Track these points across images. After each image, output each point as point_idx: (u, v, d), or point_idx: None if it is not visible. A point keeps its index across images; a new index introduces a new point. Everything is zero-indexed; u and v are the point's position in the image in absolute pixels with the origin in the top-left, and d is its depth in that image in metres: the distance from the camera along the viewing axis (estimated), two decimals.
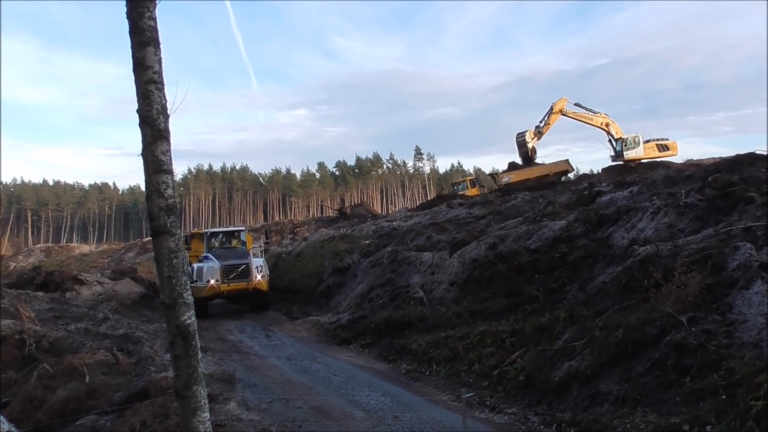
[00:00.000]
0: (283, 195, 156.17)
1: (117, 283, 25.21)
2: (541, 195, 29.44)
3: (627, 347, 8.11)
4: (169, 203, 4.60)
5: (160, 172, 4.56)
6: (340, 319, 16.90)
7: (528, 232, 15.80)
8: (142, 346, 14.62)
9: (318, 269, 24.38)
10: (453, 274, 15.79)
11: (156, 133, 4.54)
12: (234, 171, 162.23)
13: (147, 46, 4.55)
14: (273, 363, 13.36)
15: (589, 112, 46.39)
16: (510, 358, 10.15)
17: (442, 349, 11.74)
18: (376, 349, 13.87)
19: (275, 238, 50.36)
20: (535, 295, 12.03)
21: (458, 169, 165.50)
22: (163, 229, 4.56)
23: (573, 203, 20.24)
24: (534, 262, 13.46)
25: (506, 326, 11.30)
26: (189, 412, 4.58)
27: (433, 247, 18.83)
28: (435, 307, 14.47)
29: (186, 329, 4.57)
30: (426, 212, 35.10)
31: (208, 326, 18.79)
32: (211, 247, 23.41)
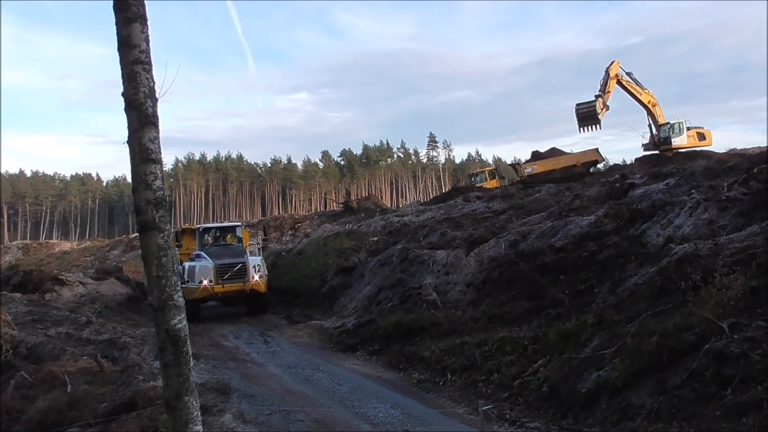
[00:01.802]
0: (282, 187, 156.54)
1: (101, 284, 25.33)
2: (567, 187, 29.37)
3: (662, 356, 8.09)
4: (158, 196, 4.61)
5: (147, 162, 4.58)
6: (346, 324, 16.93)
7: (553, 228, 15.76)
8: (129, 353, 14.72)
9: (321, 269, 24.42)
10: (470, 275, 15.78)
11: (143, 118, 4.56)
12: (229, 160, 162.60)
13: (133, 22, 4.56)
14: (272, 371, 13.42)
15: (639, 86, 45.94)
16: (532, 368, 10.14)
17: (457, 357, 11.74)
18: (384, 356, 13.90)
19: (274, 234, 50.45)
20: (561, 298, 12.00)
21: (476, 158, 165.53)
22: (151, 224, 4.58)
23: (603, 197, 20.17)
24: (559, 262, 13.42)
25: (528, 332, 11.29)
26: (180, 424, 4.60)
27: (448, 245, 18.82)
28: (450, 311, 14.47)
29: (176, 334, 4.59)
30: (440, 206, 35.08)
31: (200, 331, 18.87)
32: (203, 245, 23.49)
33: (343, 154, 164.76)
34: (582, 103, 45.21)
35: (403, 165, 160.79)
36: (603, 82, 44.92)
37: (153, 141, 4.60)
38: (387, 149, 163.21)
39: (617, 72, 44.87)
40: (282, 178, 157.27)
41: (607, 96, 44.83)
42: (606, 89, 44.67)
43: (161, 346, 4.62)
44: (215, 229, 25.62)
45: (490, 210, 27.02)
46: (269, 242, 37.47)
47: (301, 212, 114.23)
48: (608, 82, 44.67)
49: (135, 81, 4.56)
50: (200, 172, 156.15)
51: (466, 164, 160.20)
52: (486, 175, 55.38)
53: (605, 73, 44.91)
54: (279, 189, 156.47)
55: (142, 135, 4.56)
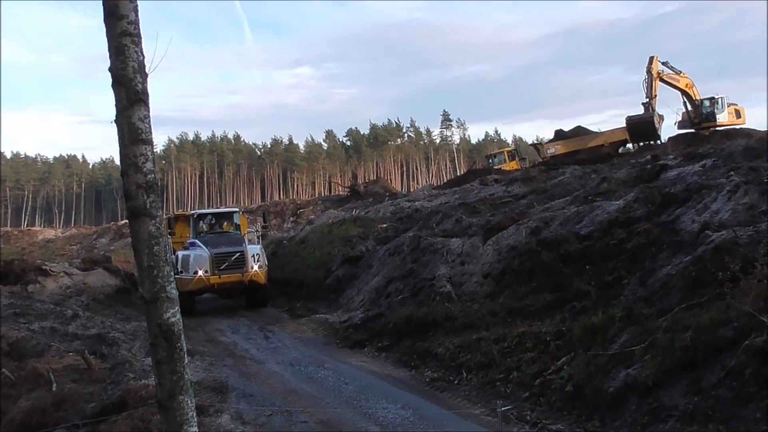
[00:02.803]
0: (283, 170, 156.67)
1: (88, 275, 25.46)
2: (594, 170, 29.23)
3: (696, 353, 8.07)
4: (149, 179, 4.62)
5: (137, 143, 4.58)
6: (352, 318, 16.99)
7: (578, 214, 15.72)
8: (119, 349, 14.82)
9: (325, 258, 24.48)
10: (487, 265, 15.78)
11: (132, 95, 4.55)
12: (225, 141, 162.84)
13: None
14: (272, 369, 13.49)
15: (676, 74, 45.57)
16: (555, 365, 10.15)
17: (473, 354, 11.77)
18: (394, 353, 13.94)
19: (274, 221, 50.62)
20: (586, 290, 11.99)
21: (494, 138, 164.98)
22: (142, 210, 4.59)
23: (633, 180, 20.07)
24: (585, 251, 13.40)
25: (551, 327, 11.29)
26: (174, 426, 4.63)
27: (464, 233, 18.81)
28: (465, 304, 14.49)
29: (170, 329, 4.61)
30: (455, 190, 35.04)
31: (195, 325, 18.99)
32: (198, 232, 23.57)
33: (349, 134, 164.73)
34: (634, 116, 44.63)
35: (415, 146, 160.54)
36: (647, 84, 44.22)
37: (143, 120, 4.60)
38: (397, 128, 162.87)
39: (659, 69, 44.41)
40: (283, 159, 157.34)
41: (655, 101, 44.35)
42: (653, 93, 44.12)
43: (153, 341, 4.64)
44: (211, 215, 25.68)
45: (510, 194, 26.96)
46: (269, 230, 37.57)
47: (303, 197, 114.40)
48: (653, 84, 44.04)
49: (123, 55, 4.55)
50: (194, 153, 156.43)
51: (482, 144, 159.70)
52: (505, 156, 55.24)
53: (647, 74, 44.24)
54: (279, 172, 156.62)
55: (131, 113, 4.56)
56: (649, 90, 44.08)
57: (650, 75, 44.00)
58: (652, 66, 44.06)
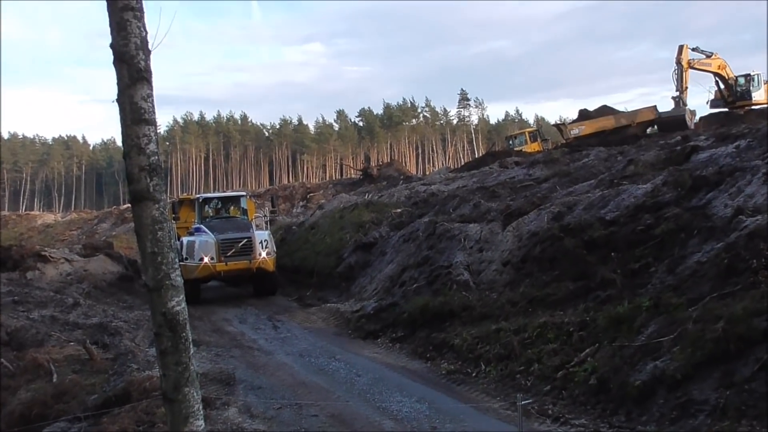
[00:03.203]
0: (293, 151, 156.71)
1: (89, 261, 25.66)
2: (620, 151, 29.09)
3: (728, 344, 8.04)
4: (152, 162, 4.63)
5: (140, 123, 4.59)
6: (365, 308, 17.03)
7: (603, 198, 15.65)
8: (121, 339, 14.94)
9: (337, 245, 24.51)
10: (507, 252, 15.76)
11: (134, 73, 4.56)
12: (232, 121, 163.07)
13: None
14: (282, 360, 13.56)
15: (707, 57, 45.09)
16: (578, 357, 10.14)
17: (492, 345, 11.78)
18: (409, 344, 13.97)
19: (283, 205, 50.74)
20: (611, 278, 11.95)
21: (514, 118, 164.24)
22: (145, 193, 4.61)
23: (661, 162, 19.93)
24: (610, 237, 13.35)
25: (574, 317, 11.28)
26: (179, 419, 4.67)
27: (482, 218, 18.78)
28: (484, 293, 14.48)
29: (174, 318, 4.63)
30: (473, 173, 34.94)
31: (201, 314, 19.09)
32: (204, 217, 23.65)
33: (361, 114, 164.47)
34: (665, 113, 44.52)
35: (431, 126, 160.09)
36: (677, 76, 43.70)
37: (146, 99, 4.60)
38: (412, 108, 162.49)
39: (689, 58, 43.91)
40: (292, 141, 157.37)
41: (686, 93, 43.90)
42: (684, 85, 43.63)
43: (157, 331, 4.67)
44: (217, 199, 25.77)
45: (531, 177, 26.86)
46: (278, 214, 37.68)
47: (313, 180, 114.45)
48: (683, 76, 43.58)
49: (125, 30, 4.55)
50: (199, 134, 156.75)
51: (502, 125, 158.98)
52: (526, 137, 54.96)
53: (676, 65, 43.71)
54: (288, 154, 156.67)
55: (134, 92, 4.57)
56: (679, 82, 43.63)
57: (680, 66, 43.50)
58: (681, 56, 43.55)
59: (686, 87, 43.65)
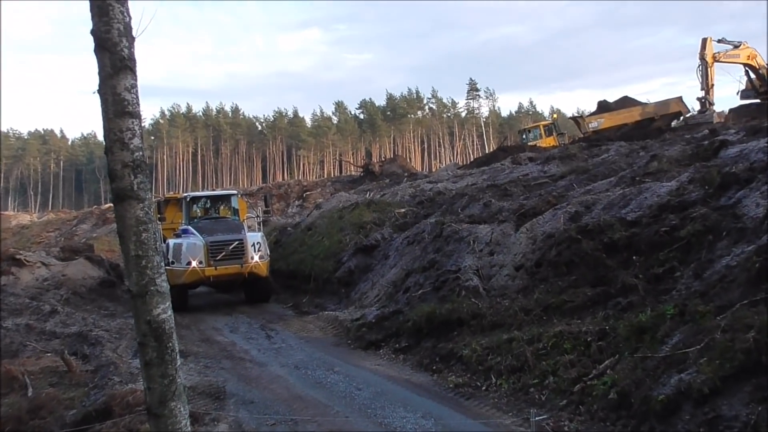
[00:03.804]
0: (288, 146, 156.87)
1: (68, 265, 25.69)
2: (642, 146, 29.09)
3: (760, 356, 8.04)
4: (136, 157, 4.64)
5: (123, 116, 4.60)
6: (366, 315, 17.03)
7: (624, 197, 15.66)
8: (102, 349, 14.94)
9: (335, 248, 24.52)
10: (520, 255, 15.76)
11: (117, 62, 4.57)
12: (222, 114, 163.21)
13: None
14: (276, 373, 13.56)
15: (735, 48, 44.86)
16: (597, 369, 10.14)
17: (503, 356, 11.77)
18: (414, 355, 13.97)
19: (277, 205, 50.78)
20: (633, 284, 11.95)
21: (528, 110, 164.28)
22: (129, 192, 4.62)
23: (687, 157, 19.95)
24: (631, 239, 13.34)
25: (592, 326, 11.27)
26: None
27: (493, 219, 18.79)
28: (494, 300, 14.48)
29: (160, 326, 4.64)
30: (483, 170, 34.98)
31: (189, 323, 19.11)
32: (192, 218, 23.66)
33: (362, 106, 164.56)
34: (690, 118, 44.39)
35: (437, 119, 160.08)
36: (701, 73, 43.37)
37: (130, 90, 4.61)
38: (417, 99, 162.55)
39: (714, 51, 43.68)
40: (287, 135, 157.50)
41: (712, 91, 43.66)
42: (709, 83, 43.38)
43: (142, 340, 4.68)
44: (206, 198, 25.77)
45: (546, 174, 26.86)
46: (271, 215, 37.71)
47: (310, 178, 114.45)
48: (709, 73, 43.29)
49: (107, 16, 4.56)
50: (187, 128, 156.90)
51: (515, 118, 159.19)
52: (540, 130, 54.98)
53: (700, 61, 43.32)
54: (283, 149, 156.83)
55: (116, 82, 4.57)
56: (704, 80, 43.33)
57: (704, 62, 43.21)
58: (705, 51, 43.25)
59: (712, 84, 43.41)
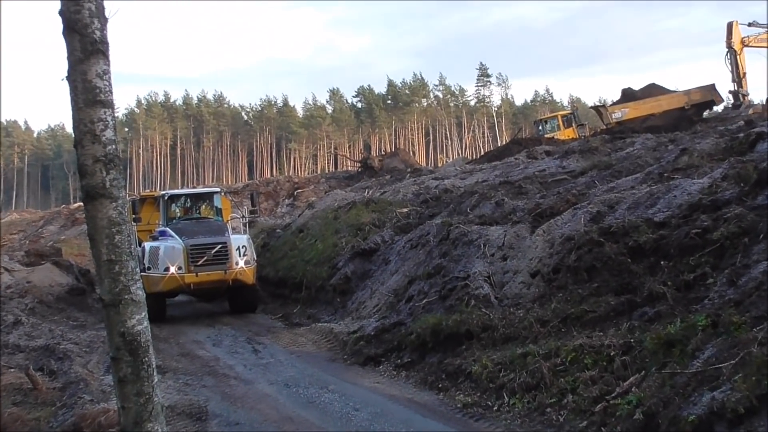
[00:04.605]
0: (277, 138, 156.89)
1: (33, 271, 25.69)
2: (671, 139, 29.11)
3: None
4: (109, 151, 4.65)
5: (94, 105, 4.60)
6: (364, 327, 17.03)
7: (651, 195, 15.67)
8: (72, 364, 14.94)
9: (330, 252, 24.52)
10: (536, 260, 15.77)
11: (88, 45, 4.57)
12: (204, 103, 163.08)
13: None
14: (264, 391, 13.56)
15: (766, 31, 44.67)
16: (621, 387, 10.15)
17: (518, 373, 11.78)
18: (417, 371, 13.97)
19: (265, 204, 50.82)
20: (661, 292, 11.95)
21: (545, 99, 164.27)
22: (100, 189, 4.62)
23: (721, 152, 19.96)
24: (659, 242, 13.35)
25: (615, 338, 11.27)
26: None
27: (506, 219, 18.79)
28: (508, 310, 14.48)
29: (135, 339, 4.65)
30: (495, 165, 34.99)
31: (167, 335, 19.11)
32: (170, 218, 23.68)
33: (360, 94, 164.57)
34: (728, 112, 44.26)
35: (444, 108, 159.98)
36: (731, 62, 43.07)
37: (102, 76, 4.61)
38: (421, 86, 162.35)
39: (741, 38, 43.46)
40: (276, 126, 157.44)
41: (745, 81, 43.35)
42: (741, 71, 43.10)
43: (115, 355, 4.69)
44: (185, 197, 25.79)
45: (565, 170, 26.88)
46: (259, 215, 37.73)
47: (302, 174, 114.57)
48: (738, 61, 43.01)
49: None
50: (165, 118, 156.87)
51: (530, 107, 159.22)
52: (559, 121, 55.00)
53: (728, 49, 43.03)
54: (272, 141, 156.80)
55: (87, 68, 4.58)
56: (734, 68, 43.06)
57: (732, 50, 42.94)
58: (732, 39, 42.92)
59: (744, 73, 43.26)
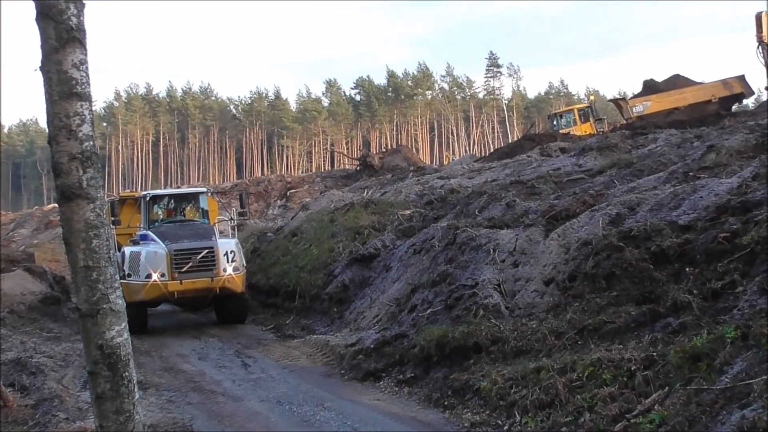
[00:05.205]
0: (268, 134, 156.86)
1: (3, 278, 25.68)
2: (697, 135, 29.09)
3: None
4: (86, 148, 4.64)
5: (70, 98, 4.60)
6: (363, 340, 17.03)
7: (675, 196, 15.68)
8: (45, 379, 14.94)
9: (326, 257, 24.52)
10: (550, 267, 15.77)
11: (63, 33, 4.57)
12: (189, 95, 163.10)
13: None
14: (254, 409, 13.55)
15: None
16: (642, 404, 10.14)
17: (530, 389, 11.77)
18: (421, 387, 13.97)
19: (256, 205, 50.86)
20: (686, 301, 11.94)
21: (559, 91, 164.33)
22: (77, 189, 4.61)
23: (751, 149, 19.97)
24: (684, 247, 13.35)
25: (637, 352, 11.27)
26: None
27: (518, 222, 18.79)
28: (520, 321, 14.47)
29: (114, 352, 4.65)
30: (505, 163, 34.99)
31: (149, 348, 19.10)
32: (152, 221, 23.66)
33: (359, 85, 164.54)
34: None
35: (450, 101, 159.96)
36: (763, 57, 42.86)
37: (78, 66, 4.61)
38: (425, 77, 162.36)
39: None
40: (268, 121, 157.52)
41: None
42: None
43: (92, 369, 4.68)
44: (169, 197, 25.77)
45: (581, 169, 26.87)
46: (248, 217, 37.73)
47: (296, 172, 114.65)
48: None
49: None
50: (147, 112, 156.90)
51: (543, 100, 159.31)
52: (575, 115, 54.98)
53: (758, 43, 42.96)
54: (263, 137, 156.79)
55: (63, 57, 4.57)
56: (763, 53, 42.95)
57: (763, 44, 42.80)
58: (762, 32, 42.57)
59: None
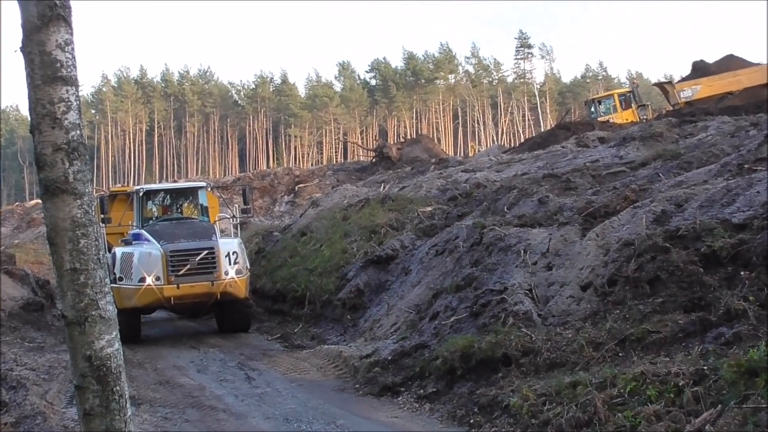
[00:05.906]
0: (274, 123, 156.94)
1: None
2: (753, 123, 28.97)
3: None
4: (72, 138, 4.64)
5: (55, 82, 4.59)
6: (380, 351, 17.02)
7: (728, 191, 15.61)
8: (27, 394, 14.99)
9: (339, 259, 24.53)
10: (587, 270, 15.73)
11: (47, 10, 4.57)
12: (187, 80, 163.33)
13: None
14: (259, 427, 13.57)
15: None
16: (692, 424, 10.11)
17: (565, 406, 11.74)
18: (444, 403, 13.95)
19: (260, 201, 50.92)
20: (740, 309, 11.90)
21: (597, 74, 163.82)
22: (62, 184, 4.61)
23: None
24: (738, 248, 13.29)
25: (685, 365, 11.23)
26: None
27: (551, 220, 18.75)
28: (553, 330, 14.44)
29: (104, 364, 4.64)
30: (537, 154, 34.95)
31: (142, 359, 19.14)
32: (146, 218, 23.70)
33: (374, 69, 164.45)
34: None
35: (475, 86, 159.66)
36: None
37: (64, 47, 4.60)
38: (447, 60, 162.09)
39: None
40: (273, 108, 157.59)
41: None
42: None
43: (80, 383, 4.68)
44: (164, 192, 25.79)
45: (623, 161, 26.81)
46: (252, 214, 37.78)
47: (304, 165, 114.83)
48: None
49: None
50: (140, 98, 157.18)
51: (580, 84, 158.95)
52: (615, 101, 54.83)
53: None
54: (268, 126, 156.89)
55: (46, 37, 4.57)
56: None
57: None
58: None
59: None
